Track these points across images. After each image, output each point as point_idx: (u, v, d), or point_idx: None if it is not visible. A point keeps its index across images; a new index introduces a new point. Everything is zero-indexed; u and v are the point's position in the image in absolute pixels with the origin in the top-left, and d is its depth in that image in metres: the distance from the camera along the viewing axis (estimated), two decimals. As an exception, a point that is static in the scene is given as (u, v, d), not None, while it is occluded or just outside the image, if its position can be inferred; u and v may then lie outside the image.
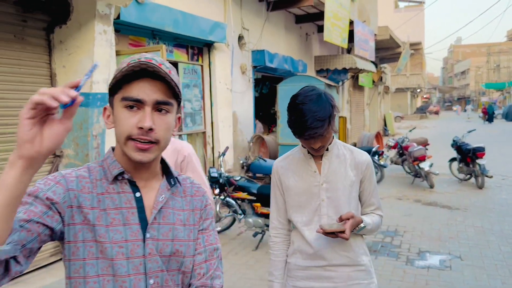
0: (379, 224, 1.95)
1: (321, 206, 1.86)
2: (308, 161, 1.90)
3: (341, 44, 10.93)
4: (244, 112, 8.87)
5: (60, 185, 1.04)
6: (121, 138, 1.05)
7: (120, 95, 1.05)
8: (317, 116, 1.69)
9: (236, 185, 5.21)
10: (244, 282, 4.23)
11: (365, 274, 1.89)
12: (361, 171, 1.89)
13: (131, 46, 5.91)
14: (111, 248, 1.04)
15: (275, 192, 1.97)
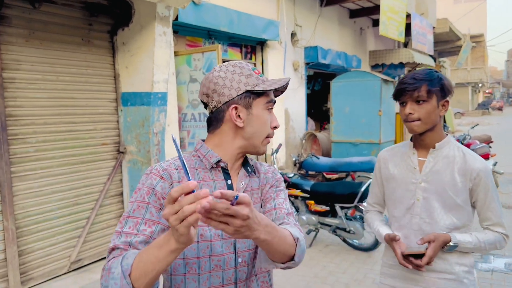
0: (493, 243, 1.72)
1: (415, 206, 1.76)
2: (411, 156, 1.80)
3: (398, 38, 10.57)
4: (296, 109, 8.86)
5: (164, 180, 1.16)
6: (262, 136, 1.25)
7: (266, 99, 1.24)
8: (416, 75, 1.68)
9: (289, 182, 5.23)
10: (299, 278, 4.24)
11: (455, 284, 1.73)
12: (470, 178, 1.69)
13: (188, 46, 6.09)
14: (209, 230, 1.18)
15: (374, 180, 1.98)
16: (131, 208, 1.14)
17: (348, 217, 4.83)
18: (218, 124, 1.25)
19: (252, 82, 1.22)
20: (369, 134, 8.01)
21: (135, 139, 4.81)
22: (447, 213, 1.71)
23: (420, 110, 1.67)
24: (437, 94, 1.67)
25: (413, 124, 1.69)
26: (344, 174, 6.66)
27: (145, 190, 1.15)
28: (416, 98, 1.66)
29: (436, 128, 1.73)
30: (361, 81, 8.04)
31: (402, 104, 1.73)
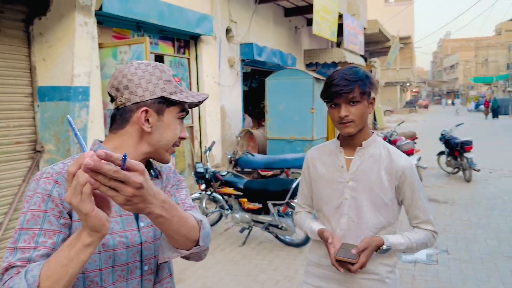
0: (424, 241, 1.73)
1: (343, 205, 1.73)
2: (338, 155, 1.77)
3: (331, 37, 10.86)
4: (232, 106, 8.79)
5: (60, 184, 1.05)
6: (169, 143, 1.18)
7: (180, 108, 1.17)
8: (346, 76, 1.63)
9: (222, 180, 5.14)
10: (231, 278, 4.17)
11: (378, 284, 1.73)
12: (395, 177, 1.68)
13: (114, 38, 5.78)
14: (112, 238, 1.08)
15: (303, 180, 1.92)
16: (23, 219, 1.00)
17: (280, 214, 4.84)
18: (123, 124, 1.15)
19: (170, 90, 1.15)
20: (303, 131, 8.15)
21: (53, 137, 4.46)
22: (374, 212, 1.70)
23: (355, 111, 1.64)
24: (368, 93, 1.67)
25: (348, 126, 1.66)
26: (278, 171, 6.70)
27: (40, 197, 1.02)
28: (350, 99, 1.63)
29: (364, 127, 1.72)
30: (295, 79, 8.15)
31: (333, 106, 1.68)
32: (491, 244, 5.00)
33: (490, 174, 9.34)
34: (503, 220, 5.93)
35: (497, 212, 6.32)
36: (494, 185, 8.31)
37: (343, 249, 1.66)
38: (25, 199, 1.04)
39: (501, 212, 6.34)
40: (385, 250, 1.66)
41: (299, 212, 1.97)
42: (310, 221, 1.86)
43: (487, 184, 8.44)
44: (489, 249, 4.84)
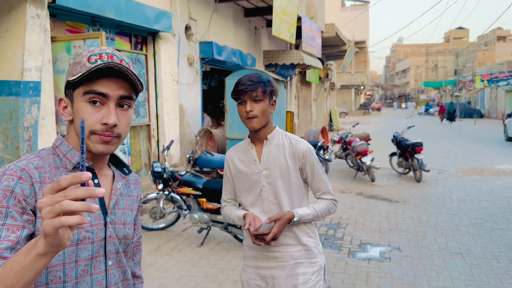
0: (327, 209, 2.05)
1: (262, 191, 2.00)
2: (250, 150, 2.04)
3: (289, 39, 11.00)
4: (191, 105, 8.69)
5: (24, 181, 1.01)
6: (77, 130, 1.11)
7: (83, 89, 1.07)
8: (251, 77, 1.93)
9: (181, 180, 5.07)
10: (188, 279, 4.12)
11: (309, 254, 2.01)
12: (298, 159, 1.99)
13: (68, 32, 5.54)
14: (77, 233, 1.06)
15: (225, 177, 2.15)
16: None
17: (239, 213, 4.84)
18: None
19: (74, 71, 1.07)
20: (262, 131, 8.19)
21: (1, 134, 4.22)
22: (288, 192, 2.00)
23: (258, 108, 1.91)
24: (269, 94, 1.95)
25: (253, 121, 1.92)
26: (237, 171, 6.70)
27: (1, 194, 0.97)
28: (254, 97, 1.90)
29: (268, 124, 2.00)
30: (255, 79, 8.19)
31: (241, 103, 1.94)
32: (440, 241, 5.26)
33: (438, 175, 9.81)
34: (450, 218, 6.25)
35: (445, 211, 6.65)
36: (443, 185, 8.74)
37: (261, 226, 1.91)
38: None
39: (448, 210, 6.68)
40: (296, 221, 1.96)
41: (225, 206, 2.20)
42: (236, 210, 2.11)
43: (436, 184, 8.86)
44: (438, 246, 5.08)
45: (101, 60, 1.05)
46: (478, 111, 35.41)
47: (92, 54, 1.07)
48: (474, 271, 4.34)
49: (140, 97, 7.10)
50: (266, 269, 2.02)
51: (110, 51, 1.09)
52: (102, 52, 1.07)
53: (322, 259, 2.08)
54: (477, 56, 53.55)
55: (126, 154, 6.81)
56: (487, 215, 6.42)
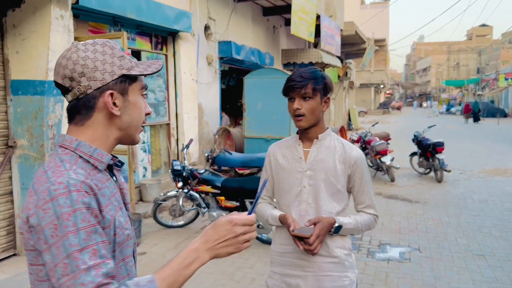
0: (368, 223, 1.93)
1: (302, 192, 1.90)
2: (297, 147, 1.94)
3: (308, 38, 10.96)
4: (210, 104, 8.75)
5: (89, 194, 0.98)
6: (138, 124, 1.13)
7: (140, 84, 1.12)
8: (302, 73, 1.83)
9: (200, 178, 5.12)
10: (206, 276, 4.16)
11: (338, 267, 1.89)
12: (349, 165, 1.88)
13: (91, 33, 5.66)
14: (122, 234, 1.07)
15: (264, 173, 2.07)
16: (78, 239, 0.91)
17: (258, 212, 4.86)
18: (88, 113, 1.07)
19: (127, 65, 1.08)
20: (280, 130, 8.19)
21: (26, 132, 4.34)
22: (329, 198, 1.88)
23: (306, 106, 1.82)
24: (321, 91, 1.84)
25: (300, 120, 1.84)
26: (256, 169, 6.72)
27: (84, 213, 0.94)
28: (303, 94, 1.81)
29: (319, 123, 1.90)
30: (272, 78, 8.18)
31: (290, 100, 1.86)
32: (461, 242, 5.17)
33: (460, 175, 9.64)
34: (472, 219, 6.13)
35: (466, 212, 6.54)
36: (464, 185, 8.58)
37: (299, 229, 1.81)
38: (60, 217, 0.92)
39: (470, 211, 6.56)
40: (337, 228, 1.84)
41: (260, 203, 2.10)
42: (271, 209, 2.02)
43: (457, 184, 8.70)
44: (459, 247, 5.00)
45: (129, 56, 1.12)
46: (501, 110, 34.38)
47: (121, 47, 1.12)
48: (496, 273, 4.25)
49: (160, 96, 7.20)
50: (292, 277, 1.92)
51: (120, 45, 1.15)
52: (121, 48, 1.12)
53: (354, 273, 1.94)
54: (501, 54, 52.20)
55: (146, 153, 6.92)
56: (511, 216, 6.28)
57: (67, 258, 0.90)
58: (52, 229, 0.91)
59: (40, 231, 0.93)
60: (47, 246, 0.92)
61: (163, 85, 7.27)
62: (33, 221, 0.94)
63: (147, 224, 5.67)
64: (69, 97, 1.07)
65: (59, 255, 0.91)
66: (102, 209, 1.00)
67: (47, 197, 0.93)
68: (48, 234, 0.92)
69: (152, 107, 7.00)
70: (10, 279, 3.96)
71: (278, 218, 1.92)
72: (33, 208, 0.95)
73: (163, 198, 5.35)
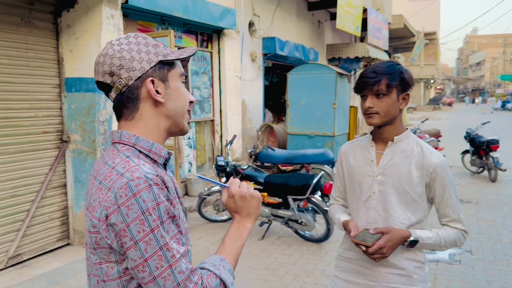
0: (454, 240, 1.70)
1: (371, 198, 1.74)
2: (369, 149, 1.79)
3: (354, 32, 10.72)
4: (253, 100, 8.79)
5: (165, 187, 1.01)
6: (183, 111, 1.12)
7: (179, 70, 1.12)
8: (376, 69, 1.66)
9: (243, 174, 5.16)
10: (249, 271, 4.20)
11: (405, 279, 1.72)
12: (427, 173, 1.67)
13: (139, 31, 5.84)
14: (184, 226, 1.09)
15: (337, 173, 1.97)
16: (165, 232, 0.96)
17: (301, 209, 4.84)
18: (135, 105, 1.06)
19: (162, 52, 1.08)
20: (324, 127, 8.09)
21: (79, 128, 4.56)
22: (402, 207, 1.70)
23: (380, 104, 1.65)
24: (397, 87, 1.66)
25: (372, 117, 1.68)
26: (298, 166, 6.69)
27: (166, 205, 0.97)
28: (376, 91, 1.65)
29: (395, 122, 1.72)
30: (317, 74, 8.09)
31: (362, 98, 1.71)
32: (517, 245, 4.88)
33: (516, 174, 9.09)
34: (529, 221, 5.77)
35: (523, 213, 6.16)
36: (521, 185, 8.09)
37: (363, 233, 1.67)
38: (146, 212, 0.93)
39: (527, 213, 6.18)
40: (412, 243, 1.64)
41: (332, 204, 2.02)
42: (340, 213, 1.90)
43: (513, 184, 8.22)
44: (515, 250, 4.73)
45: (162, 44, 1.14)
46: None
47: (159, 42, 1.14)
48: (557, 279, 3.98)
49: (205, 93, 7.32)
50: (355, 285, 1.81)
51: None
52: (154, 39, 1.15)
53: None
54: None
55: (191, 148, 7.06)
56: None
57: (160, 250, 0.94)
58: (139, 224, 0.92)
59: (124, 228, 0.93)
60: (133, 243, 0.93)
61: (208, 82, 7.38)
62: (115, 219, 0.94)
63: (192, 218, 5.79)
64: (113, 94, 1.07)
65: (150, 250, 0.93)
66: (172, 202, 1.02)
67: (128, 193, 0.93)
68: (134, 230, 0.93)
69: (197, 103, 7.13)
70: (65, 267, 4.19)
71: (342, 224, 1.81)
72: (112, 206, 0.94)
73: (207, 193, 5.44)
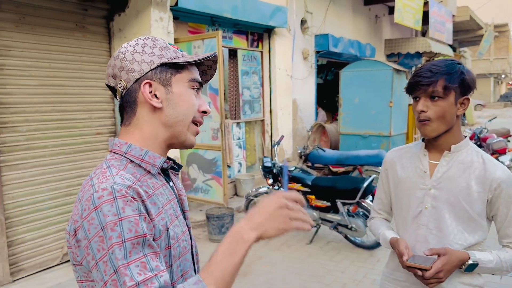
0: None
1: (422, 215, 1.55)
2: (421, 158, 1.58)
3: (414, 26, 10.17)
4: (305, 100, 8.62)
5: (137, 200, 0.88)
6: (187, 118, 1.01)
7: (188, 76, 1.02)
8: (433, 67, 1.46)
9: (289, 175, 5.04)
10: (295, 276, 4.08)
11: None
12: (489, 189, 1.46)
13: (190, 33, 5.90)
14: (178, 246, 0.98)
15: (380, 183, 1.77)
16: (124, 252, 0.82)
17: (350, 213, 4.63)
18: (133, 109, 1.00)
19: (169, 55, 1.00)
20: (379, 126, 7.73)
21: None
22: (458, 226, 1.50)
23: (434, 108, 1.45)
24: (456, 90, 1.45)
25: (426, 126, 1.48)
26: (351, 168, 6.43)
27: (130, 221, 0.84)
28: (430, 93, 1.45)
29: (452, 129, 1.51)
30: (372, 71, 7.73)
31: (415, 99, 1.52)
32: None
33: None
34: None
35: None
36: None
37: (415, 257, 1.49)
38: (105, 227, 0.82)
39: None
40: (471, 266, 1.45)
41: (374, 217, 1.82)
42: (384, 229, 1.71)
43: None
44: None
45: (178, 49, 1.04)
46: None
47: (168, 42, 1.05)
48: None
49: (255, 93, 7.27)
50: None
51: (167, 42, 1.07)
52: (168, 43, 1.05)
53: None
54: None
55: (241, 148, 7.05)
56: None
57: (114, 274, 0.81)
58: (98, 242, 0.83)
59: (87, 245, 0.85)
60: (95, 262, 0.84)
61: (258, 81, 7.32)
62: (80, 235, 0.86)
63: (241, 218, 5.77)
64: (118, 97, 1.02)
65: (107, 271, 0.82)
66: (152, 218, 0.90)
67: (91, 206, 0.84)
68: (94, 248, 0.84)
69: (247, 103, 7.10)
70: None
71: (389, 241, 1.61)
72: (79, 220, 0.87)
73: (254, 194, 5.38)
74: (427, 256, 1.45)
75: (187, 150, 5.69)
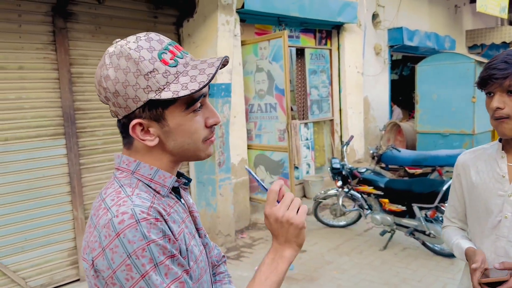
0: None
1: (502, 225, 1.38)
2: (498, 161, 1.42)
3: (499, 14, 9.31)
4: (377, 97, 8.24)
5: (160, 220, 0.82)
6: (194, 145, 0.91)
7: (183, 104, 0.86)
8: (507, 58, 1.30)
9: (360, 177, 4.80)
10: (367, 284, 3.87)
11: None
12: None
13: (256, 35, 5.90)
14: (197, 266, 0.92)
15: (452, 189, 1.61)
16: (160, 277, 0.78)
17: (428, 219, 4.30)
18: (129, 139, 0.91)
19: (156, 85, 0.83)
20: (461, 124, 7.14)
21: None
22: None
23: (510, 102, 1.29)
24: None
25: (504, 125, 1.31)
26: (429, 169, 6.00)
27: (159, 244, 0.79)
28: (507, 87, 1.29)
29: None
30: (451, 64, 7.16)
31: (488, 95, 1.36)
32: None
33: None
34: None
35: None
36: None
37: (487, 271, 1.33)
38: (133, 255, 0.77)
39: None
40: None
41: (447, 226, 1.65)
42: (459, 238, 1.53)
43: None
44: None
45: (176, 57, 0.85)
46: None
47: (158, 53, 0.84)
48: None
49: (323, 92, 7.08)
50: None
51: (167, 41, 0.88)
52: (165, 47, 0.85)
53: None
54: None
55: (309, 149, 6.91)
56: None
57: None
58: (126, 271, 0.76)
59: (111, 276, 0.78)
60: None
61: (326, 80, 7.13)
62: (101, 265, 0.79)
63: (309, 221, 5.63)
64: None
65: None
66: (176, 237, 0.84)
67: (112, 232, 0.77)
68: (122, 278, 0.77)
69: (315, 103, 6.94)
70: None
71: (464, 252, 1.45)
72: (97, 248, 0.79)
73: (323, 196, 5.23)
74: (498, 270, 1.30)
75: (255, 151, 5.68)
